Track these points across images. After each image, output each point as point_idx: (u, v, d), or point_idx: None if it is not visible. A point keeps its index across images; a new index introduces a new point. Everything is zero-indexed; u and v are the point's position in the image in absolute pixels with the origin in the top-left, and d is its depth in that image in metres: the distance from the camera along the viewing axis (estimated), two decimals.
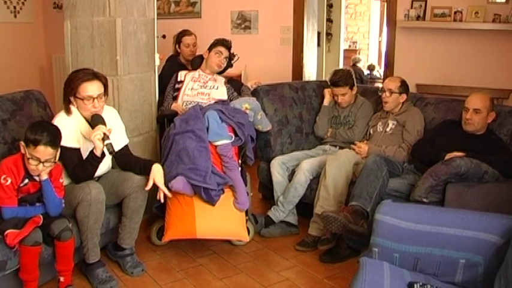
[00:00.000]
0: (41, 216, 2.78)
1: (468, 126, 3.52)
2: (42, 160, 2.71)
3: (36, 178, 2.81)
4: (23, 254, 2.67)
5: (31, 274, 2.74)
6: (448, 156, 3.35)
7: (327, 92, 4.36)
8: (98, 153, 2.97)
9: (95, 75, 3.08)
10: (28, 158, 2.72)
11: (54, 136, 2.76)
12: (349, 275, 2.86)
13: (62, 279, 2.93)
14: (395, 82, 3.99)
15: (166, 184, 3.30)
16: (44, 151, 2.70)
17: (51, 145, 2.72)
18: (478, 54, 5.23)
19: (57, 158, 2.81)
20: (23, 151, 2.75)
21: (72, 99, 3.05)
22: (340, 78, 4.17)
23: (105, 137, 2.95)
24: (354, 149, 3.91)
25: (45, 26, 6.68)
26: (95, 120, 3.03)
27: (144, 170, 3.18)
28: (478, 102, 3.48)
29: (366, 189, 3.33)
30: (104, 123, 3.01)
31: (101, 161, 3.04)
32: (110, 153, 2.98)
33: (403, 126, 3.90)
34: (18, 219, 2.72)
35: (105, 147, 2.94)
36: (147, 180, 3.13)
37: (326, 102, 4.36)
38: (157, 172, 3.16)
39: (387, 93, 3.97)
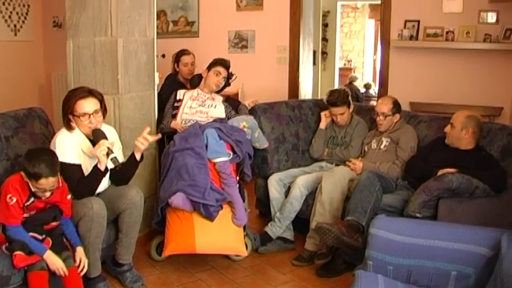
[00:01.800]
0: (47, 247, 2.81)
1: (447, 139, 3.70)
2: (47, 189, 2.76)
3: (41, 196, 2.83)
4: (32, 280, 2.69)
5: None
6: (441, 172, 3.44)
7: (323, 116, 4.40)
8: (102, 167, 3.04)
9: (90, 93, 3.14)
10: (33, 191, 2.75)
11: (52, 164, 2.74)
12: None
13: None
14: (388, 105, 4.04)
15: (166, 200, 3.40)
16: (47, 182, 2.72)
17: (52, 175, 2.73)
18: (469, 73, 5.34)
19: (60, 180, 2.85)
20: (26, 180, 2.75)
21: (70, 117, 3.12)
22: (338, 98, 4.22)
23: (109, 151, 3.02)
24: (349, 166, 3.99)
25: (45, 44, 6.76)
26: (96, 135, 3.10)
27: (130, 163, 3.25)
28: (454, 117, 3.66)
29: (360, 204, 3.40)
30: (105, 138, 3.09)
31: (104, 176, 3.11)
32: (116, 166, 3.06)
33: (396, 143, 3.97)
34: (26, 243, 2.74)
35: (110, 161, 3.02)
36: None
37: (322, 125, 4.40)
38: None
39: (381, 117, 4.04)
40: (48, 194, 2.78)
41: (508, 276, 2.00)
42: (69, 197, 2.97)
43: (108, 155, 3.02)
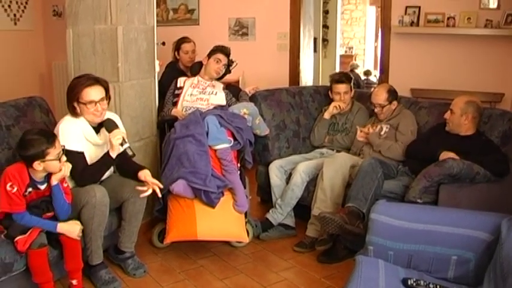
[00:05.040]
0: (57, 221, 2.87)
1: (447, 126, 3.69)
2: (59, 155, 2.81)
3: (40, 187, 2.85)
4: (31, 258, 2.72)
5: (44, 276, 2.79)
6: (443, 154, 3.44)
7: (332, 106, 4.32)
8: (114, 155, 3.08)
9: (96, 80, 3.16)
10: (41, 163, 2.76)
11: (47, 134, 2.87)
12: (346, 274, 2.91)
13: (74, 282, 2.97)
14: (382, 95, 4.04)
15: (167, 187, 3.41)
16: (53, 150, 2.78)
17: (53, 141, 2.82)
18: (470, 59, 5.32)
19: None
20: (36, 167, 2.77)
21: (75, 104, 3.13)
22: (343, 76, 4.35)
23: (123, 141, 3.08)
24: (361, 132, 4.02)
25: (45, 33, 6.75)
26: (110, 125, 3.14)
27: (135, 176, 3.24)
28: (454, 103, 3.65)
29: (361, 190, 3.41)
30: (118, 127, 3.14)
31: (113, 164, 3.17)
32: (131, 156, 3.12)
33: (396, 128, 3.97)
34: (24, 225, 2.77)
35: (126, 150, 3.08)
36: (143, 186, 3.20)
37: (327, 115, 4.35)
38: (145, 174, 3.22)
39: (378, 108, 4.06)
40: (63, 160, 2.84)
41: (507, 260, 2.01)
42: (66, 184, 2.98)
43: (121, 145, 3.07)
